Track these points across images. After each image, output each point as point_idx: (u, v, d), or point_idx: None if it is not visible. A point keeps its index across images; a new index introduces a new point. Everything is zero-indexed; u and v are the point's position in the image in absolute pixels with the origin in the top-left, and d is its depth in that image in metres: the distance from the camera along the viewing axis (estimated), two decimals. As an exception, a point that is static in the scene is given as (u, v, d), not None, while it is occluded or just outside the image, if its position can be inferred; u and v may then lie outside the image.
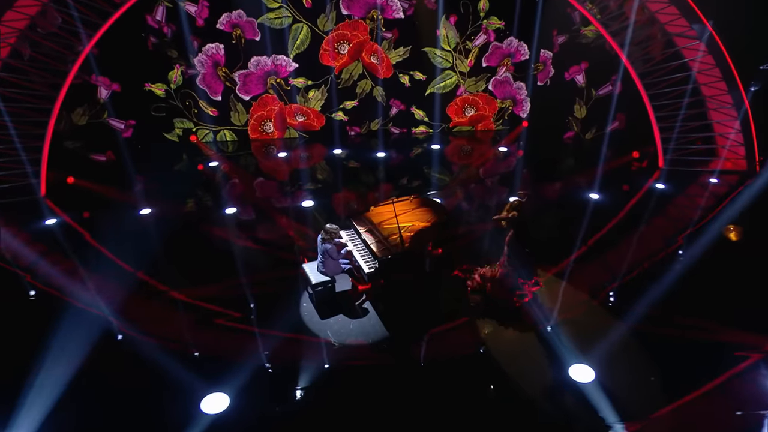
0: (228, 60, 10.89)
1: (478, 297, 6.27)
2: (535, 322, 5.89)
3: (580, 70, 11.53)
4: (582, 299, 6.30)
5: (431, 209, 6.87)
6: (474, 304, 6.21)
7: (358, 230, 6.44)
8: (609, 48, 10.45)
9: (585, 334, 5.64)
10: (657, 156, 10.29)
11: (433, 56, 11.54)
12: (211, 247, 7.59)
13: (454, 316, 6.02)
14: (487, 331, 5.84)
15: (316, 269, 6.18)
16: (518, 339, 5.70)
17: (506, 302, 6.13)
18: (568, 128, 12.19)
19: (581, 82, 11.65)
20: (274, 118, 11.76)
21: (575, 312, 6.07)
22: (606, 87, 11.53)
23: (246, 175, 10.19)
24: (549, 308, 6.12)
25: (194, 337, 5.68)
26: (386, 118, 12.21)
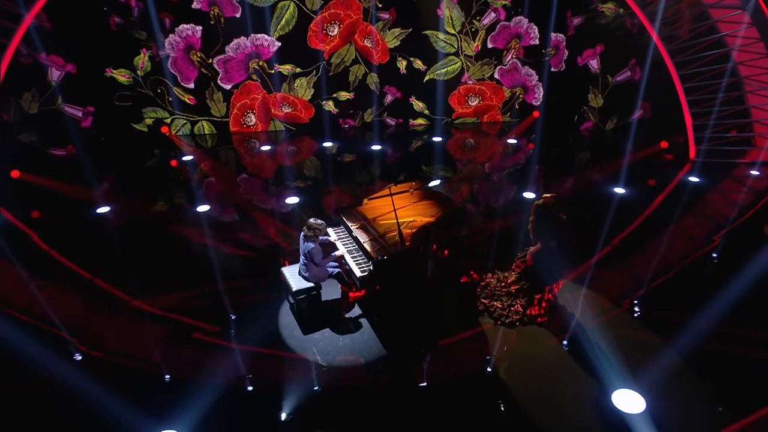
0: (205, 45, 10.02)
1: (497, 303, 5.39)
2: (563, 333, 5.00)
3: (594, 54, 10.76)
4: (610, 306, 5.43)
5: (436, 202, 6.00)
6: (491, 309, 5.33)
7: (348, 227, 5.56)
8: (631, 26, 9.68)
9: (631, 353, 4.75)
10: (688, 146, 9.47)
11: (435, 40, 10.75)
12: (179, 251, 6.67)
13: (462, 329, 5.13)
14: (505, 347, 4.94)
15: (298, 273, 5.28)
16: (545, 356, 4.80)
17: (528, 309, 5.26)
18: (585, 119, 11.39)
19: (595, 67, 10.88)
20: (256, 108, 10.90)
21: (611, 323, 5.19)
22: (623, 72, 10.76)
23: (225, 172, 9.29)
24: (576, 317, 5.24)
25: (150, 354, 4.76)
26: (380, 108, 11.37)
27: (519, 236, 6.72)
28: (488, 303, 5.42)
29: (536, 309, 5.27)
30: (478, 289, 5.70)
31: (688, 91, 8.95)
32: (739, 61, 8.61)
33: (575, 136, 11.24)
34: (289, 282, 5.21)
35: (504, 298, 5.42)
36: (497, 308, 5.33)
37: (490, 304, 5.41)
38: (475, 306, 5.48)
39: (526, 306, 5.29)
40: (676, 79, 8.93)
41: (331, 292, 5.64)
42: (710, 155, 9.15)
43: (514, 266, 5.63)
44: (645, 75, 9.85)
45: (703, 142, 9.15)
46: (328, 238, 5.44)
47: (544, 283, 5.34)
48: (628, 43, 9.79)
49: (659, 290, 5.75)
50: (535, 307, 5.28)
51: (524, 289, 5.41)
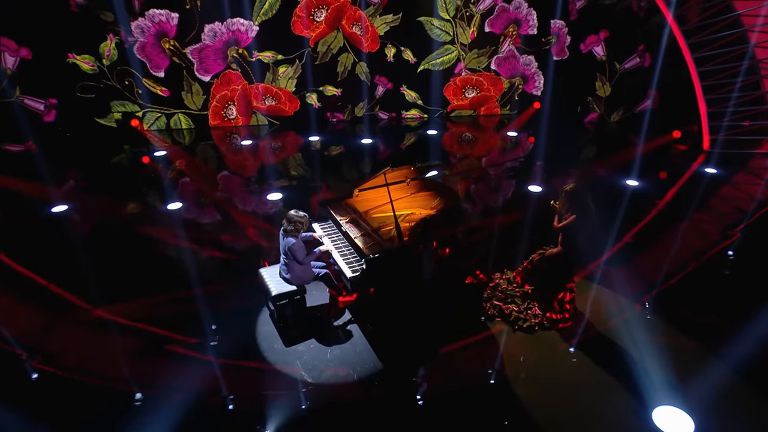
0: (180, 34, 9.36)
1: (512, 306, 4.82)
2: (586, 339, 4.42)
3: (598, 40, 10.30)
4: (638, 308, 4.87)
5: (436, 193, 5.42)
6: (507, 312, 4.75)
7: (337, 221, 4.95)
8: (638, 9, 9.24)
9: (672, 363, 4.18)
10: (701, 136, 9.01)
11: (430, 28, 10.22)
12: (147, 254, 6.00)
13: (469, 337, 4.52)
14: (521, 356, 4.34)
15: (279, 275, 4.65)
16: (568, 366, 4.21)
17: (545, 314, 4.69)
18: (590, 109, 10.93)
19: (600, 54, 10.42)
20: (237, 101, 10.26)
21: (642, 327, 4.62)
22: (632, 59, 10.31)
23: (202, 170, 8.62)
24: (600, 319, 4.67)
25: (116, 370, 4.09)
26: (372, 101, 10.80)
27: (525, 233, 6.17)
28: (503, 306, 4.83)
29: (557, 312, 4.69)
30: (488, 290, 5.12)
31: (702, 75, 8.47)
32: (757, 42, 8.16)
33: (580, 128, 10.75)
34: (267, 285, 4.57)
35: (518, 300, 4.84)
36: (513, 311, 4.75)
37: (505, 306, 4.82)
38: (484, 310, 4.88)
39: (546, 308, 4.71)
40: (690, 62, 8.46)
41: (318, 296, 5.02)
42: (726, 146, 8.69)
43: (527, 264, 5.06)
44: (659, 60, 9.32)
45: (720, 132, 8.68)
46: (312, 234, 4.82)
47: (561, 282, 4.78)
48: (636, 28, 9.32)
49: (689, 290, 5.20)
50: (556, 309, 4.70)
51: (538, 289, 4.86)
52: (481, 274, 5.38)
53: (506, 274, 5.36)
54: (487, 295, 5.06)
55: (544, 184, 7.75)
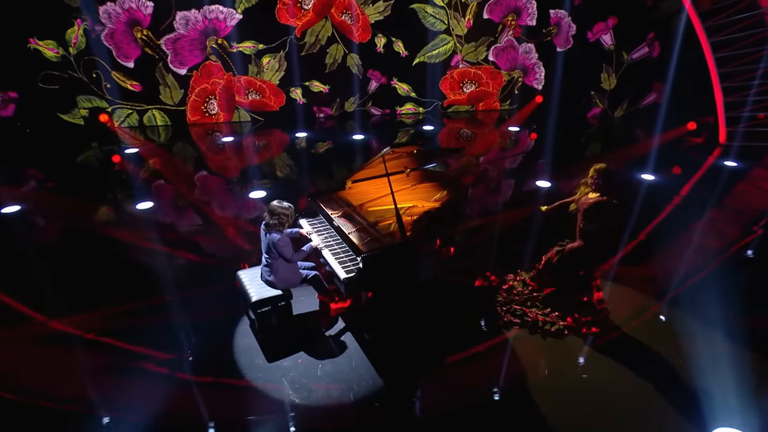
0: (154, 24, 8.80)
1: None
2: (617, 346, 3.89)
3: (606, 28, 9.92)
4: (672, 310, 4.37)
5: (441, 185, 4.90)
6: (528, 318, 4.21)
7: (328, 215, 4.38)
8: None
9: (730, 376, 3.67)
10: (717, 128, 8.62)
11: (423, 16, 9.79)
12: (112, 259, 5.38)
13: (483, 347, 3.98)
14: (546, 365, 3.79)
15: (260, 278, 4.06)
16: (603, 380, 3.67)
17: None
18: (593, 104, 10.54)
19: (609, 43, 10.04)
20: (218, 95, 9.70)
21: (681, 332, 4.11)
22: (641, 49, 9.94)
23: (179, 170, 8.01)
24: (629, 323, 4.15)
25: (73, 391, 3.47)
26: (364, 95, 10.31)
27: (536, 230, 5.67)
28: (526, 310, 4.31)
29: (586, 314, 4.18)
30: (502, 294, 4.58)
31: (719, 62, 8.07)
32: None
33: (583, 123, 10.34)
34: (247, 289, 3.98)
35: (539, 303, 4.33)
36: (539, 315, 4.23)
37: (528, 310, 4.30)
38: (500, 316, 4.33)
39: (573, 311, 4.21)
40: (706, 47, 8.05)
41: (306, 302, 4.44)
42: (746, 138, 8.29)
43: (544, 263, 4.54)
44: (676, 48, 8.82)
45: (739, 123, 8.27)
46: (299, 231, 4.25)
47: (585, 281, 4.28)
48: (644, 14, 8.96)
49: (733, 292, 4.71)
50: (587, 311, 4.20)
51: (560, 291, 4.36)
52: (493, 276, 4.85)
53: (520, 275, 4.84)
54: (502, 298, 4.53)
55: (551, 180, 7.27)
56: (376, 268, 3.77)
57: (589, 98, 10.45)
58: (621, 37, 9.92)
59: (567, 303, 4.33)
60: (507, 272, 4.88)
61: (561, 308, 4.29)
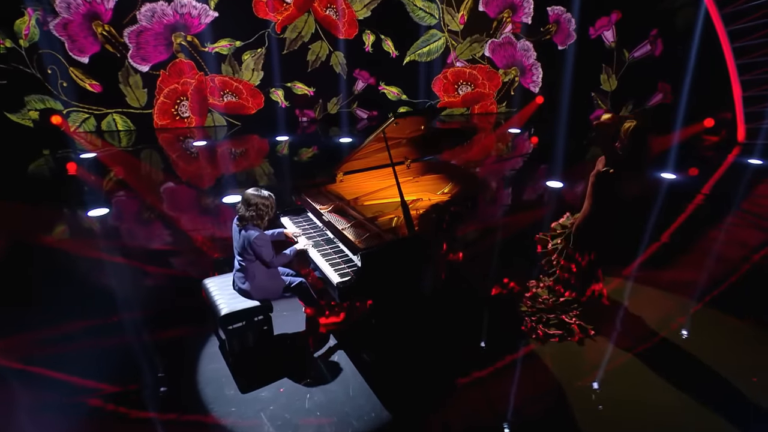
0: (116, 18, 8.20)
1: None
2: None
3: (609, 23, 9.64)
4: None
5: (448, 177, 4.33)
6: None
7: (317, 210, 3.75)
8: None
9: None
10: (736, 125, 8.25)
11: (412, 9, 9.39)
12: (53, 272, 4.64)
13: (507, 366, 3.36)
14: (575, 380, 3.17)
15: (232, 286, 3.39)
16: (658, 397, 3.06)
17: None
18: (594, 106, 10.20)
19: (610, 40, 9.75)
20: (189, 96, 9.08)
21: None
22: (643, 46, 9.66)
23: (142, 180, 7.30)
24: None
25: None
26: (349, 97, 9.80)
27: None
28: (565, 318, 3.76)
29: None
30: (525, 302, 3.99)
31: (737, 52, 7.73)
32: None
33: (586, 126, 9.96)
34: (215, 301, 3.29)
35: (575, 308, 3.80)
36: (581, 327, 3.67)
37: (567, 317, 3.75)
38: (531, 329, 3.72)
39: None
40: (723, 37, 7.70)
41: (290, 318, 3.76)
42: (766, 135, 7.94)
43: (555, 260, 3.98)
44: (695, 43, 8.39)
45: (760, 119, 7.89)
46: (283, 231, 3.61)
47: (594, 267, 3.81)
48: (648, 8, 8.69)
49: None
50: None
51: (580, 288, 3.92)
52: (512, 283, 4.25)
53: (543, 281, 4.25)
54: (526, 308, 3.92)
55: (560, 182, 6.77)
56: (378, 267, 3.14)
57: (591, 100, 10.09)
58: (623, 33, 9.62)
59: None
60: (527, 278, 4.29)
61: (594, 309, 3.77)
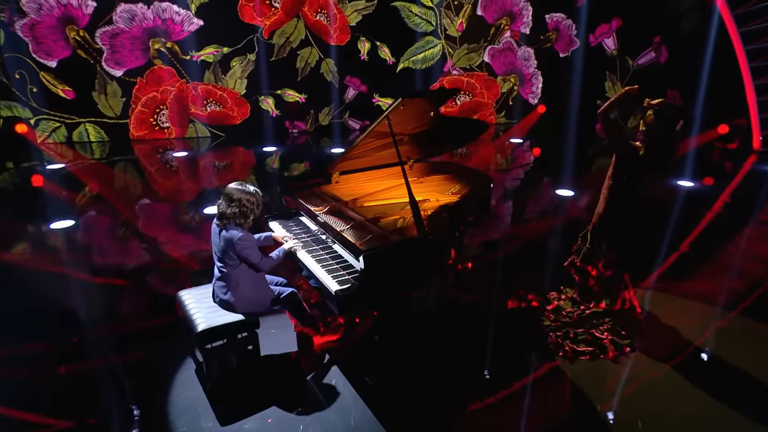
0: (93, 24, 7.90)
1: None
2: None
3: (610, 30, 9.56)
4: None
5: (456, 177, 4.00)
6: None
7: (311, 212, 3.37)
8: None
9: None
10: (751, 132, 8.07)
11: (407, 15, 9.23)
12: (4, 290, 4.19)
13: (532, 387, 2.96)
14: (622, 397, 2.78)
15: (212, 298, 2.97)
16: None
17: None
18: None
19: (612, 48, 9.66)
20: (169, 106, 8.73)
21: None
22: (647, 53, 9.57)
23: (117, 196, 6.87)
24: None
25: None
26: (341, 106, 9.53)
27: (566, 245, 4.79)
28: (596, 333, 3.40)
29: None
30: (548, 316, 3.61)
31: (751, 55, 7.57)
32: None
33: (591, 135, 9.76)
34: (191, 315, 2.87)
35: (605, 321, 3.44)
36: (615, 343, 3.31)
37: (599, 332, 3.39)
38: (557, 346, 3.34)
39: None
40: (736, 39, 7.54)
41: (279, 336, 3.33)
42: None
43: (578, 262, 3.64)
44: (709, 47, 8.21)
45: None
46: (271, 235, 3.22)
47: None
48: (651, 15, 8.64)
49: None
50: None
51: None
52: (531, 296, 3.88)
53: (565, 292, 3.89)
54: (549, 322, 3.54)
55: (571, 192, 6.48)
56: (383, 271, 2.75)
57: (596, 107, 9.92)
58: (625, 41, 9.55)
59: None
60: (545, 290, 3.93)
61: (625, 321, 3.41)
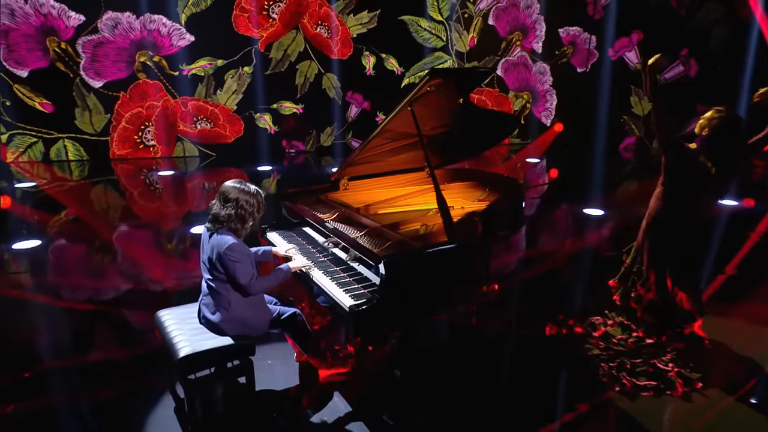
0: (77, 37, 7.82)
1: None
2: None
3: (630, 44, 9.53)
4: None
5: (480, 183, 3.71)
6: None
7: (318, 219, 3.05)
8: (678, 5, 8.55)
9: None
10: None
11: (416, 29, 9.18)
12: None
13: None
14: None
15: (197, 317, 2.60)
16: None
17: None
18: (626, 131, 9.93)
19: (635, 62, 9.60)
20: (155, 123, 8.52)
21: None
22: (675, 67, 9.51)
23: (96, 220, 6.57)
24: None
25: None
26: (344, 125, 9.35)
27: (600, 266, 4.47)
28: (657, 362, 3.10)
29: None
30: (598, 344, 3.26)
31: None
32: None
33: (614, 156, 9.58)
34: (172, 338, 2.49)
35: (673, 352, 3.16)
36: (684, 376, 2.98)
37: (659, 362, 3.10)
38: (614, 379, 2.97)
39: None
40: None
41: (278, 367, 2.95)
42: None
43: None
44: (749, 59, 8.17)
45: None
46: (273, 249, 2.89)
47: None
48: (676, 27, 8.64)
49: None
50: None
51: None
52: (571, 321, 3.53)
53: (611, 316, 3.54)
54: (601, 351, 3.19)
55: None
56: (407, 281, 2.40)
57: (621, 124, 9.82)
58: (649, 54, 9.50)
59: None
60: (587, 314, 3.58)
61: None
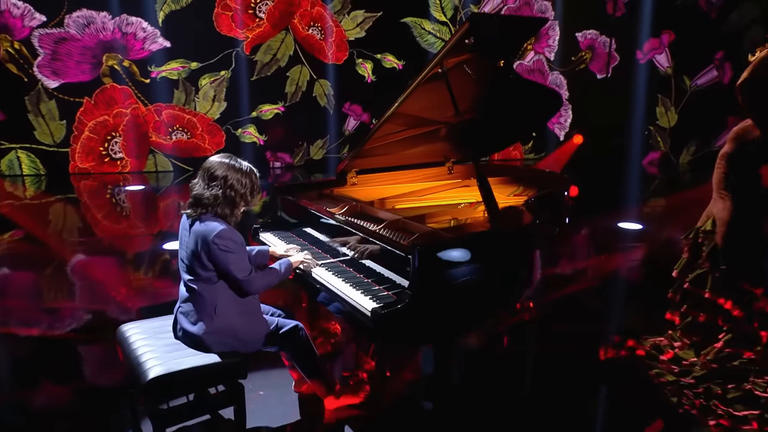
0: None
1: None
2: None
3: (661, 46, 9.46)
4: None
5: (514, 179, 3.51)
6: None
7: (325, 214, 2.73)
8: (708, 7, 8.58)
9: None
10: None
11: (419, 31, 9.12)
12: None
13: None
14: None
15: (173, 330, 2.23)
16: None
17: None
18: (651, 145, 9.83)
19: (665, 66, 9.57)
20: (123, 134, 8.24)
21: None
22: (708, 72, 9.48)
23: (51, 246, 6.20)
24: None
25: None
26: (339, 138, 9.15)
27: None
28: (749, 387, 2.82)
29: None
30: (670, 368, 2.94)
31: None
32: None
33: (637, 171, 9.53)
34: (138, 356, 2.10)
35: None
36: None
37: (753, 386, 2.82)
38: (697, 409, 2.66)
39: None
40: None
41: (272, 398, 2.55)
42: None
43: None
44: None
45: None
46: (269, 249, 2.58)
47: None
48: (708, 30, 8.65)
49: None
50: None
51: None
52: (631, 341, 3.20)
53: (676, 337, 3.21)
54: (674, 378, 2.86)
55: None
56: (446, 276, 2.05)
57: (646, 135, 9.79)
58: (680, 58, 9.52)
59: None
60: (645, 335, 3.29)
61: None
